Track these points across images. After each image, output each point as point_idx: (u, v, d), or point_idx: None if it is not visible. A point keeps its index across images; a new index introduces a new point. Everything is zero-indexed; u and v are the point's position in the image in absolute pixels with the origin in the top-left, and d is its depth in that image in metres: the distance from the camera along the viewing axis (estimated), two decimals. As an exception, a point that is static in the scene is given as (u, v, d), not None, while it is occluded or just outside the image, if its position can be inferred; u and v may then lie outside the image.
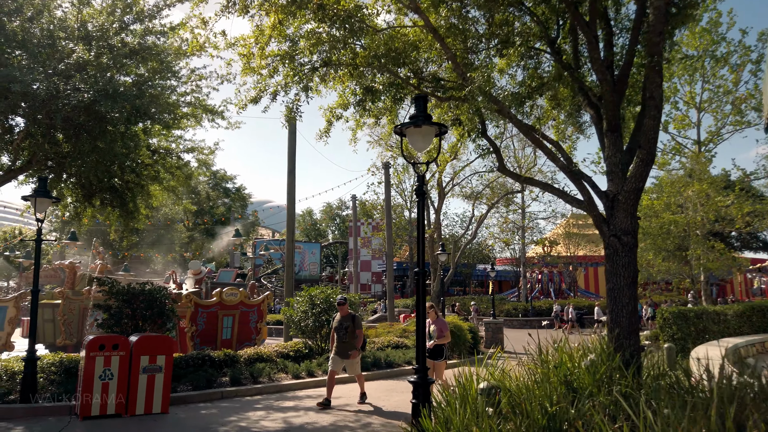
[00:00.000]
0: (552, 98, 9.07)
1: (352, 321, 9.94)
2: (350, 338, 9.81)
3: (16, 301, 19.95)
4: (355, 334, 9.93)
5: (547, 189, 7.15)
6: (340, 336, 9.84)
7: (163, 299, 11.96)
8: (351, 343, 9.86)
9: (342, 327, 9.89)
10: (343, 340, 9.80)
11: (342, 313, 10.13)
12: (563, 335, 6.83)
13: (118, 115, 9.72)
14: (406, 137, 5.74)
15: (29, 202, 15.28)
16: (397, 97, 9.14)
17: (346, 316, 10.03)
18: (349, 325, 9.84)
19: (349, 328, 9.82)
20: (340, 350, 9.84)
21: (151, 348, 8.48)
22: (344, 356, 9.79)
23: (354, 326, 9.93)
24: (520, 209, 38.78)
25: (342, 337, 9.81)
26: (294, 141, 17.84)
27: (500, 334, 21.72)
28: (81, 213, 14.57)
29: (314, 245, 59.98)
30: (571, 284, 47.71)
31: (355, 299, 15.48)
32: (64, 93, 9.25)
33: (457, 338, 17.47)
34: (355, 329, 9.94)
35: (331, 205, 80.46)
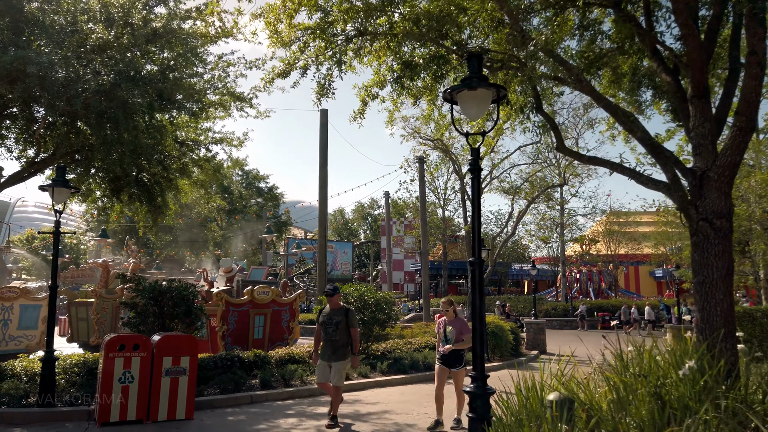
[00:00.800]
0: (613, 71, 8.09)
1: (345, 316, 7.95)
2: (341, 336, 7.89)
3: (50, 300, 19.80)
4: (349, 333, 7.97)
5: (615, 169, 6.20)
6: (329, 333, 7.91)
7: (190, 296, 11.40)
8: (343, 342, 7.92)
9: (331, 322, 7.92)
10: (333, 339, 7.88)
11: (332, 305, 8.13)
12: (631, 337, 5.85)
13: (141, 101, 9.14)
14: (456, 104, 4.89)
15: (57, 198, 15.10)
16: (439, 74, 8.28)
17: (338, 310, 8.07)
18: (341, 321, 7.90)
19: (341, 325, 7.89)
20: (328, 352, 7.91)
21: (175, 348, 7.84)
22: (333, 358, 7.84)
23: (348, 323, 7.95)
24: (559, 206, 37.36)
25: (331, 335, 7.89)
26: (326, 133, 17.17)
27: (542, 335, 20.62)
28: (109, 208, 14.17)
29: (346, 244, 59.48)
30: (611, 283, 45.96)
31: (390, 298, 14.67)
32: (84, 77, 8.72)
33: (498, 339, 16.53)
34: (349, 327, 7.95)
35: (362, 205, 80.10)
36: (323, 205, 16.66)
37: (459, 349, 7.79)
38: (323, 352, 7.98)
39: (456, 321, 7.96)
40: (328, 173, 17.13)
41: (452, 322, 7.93)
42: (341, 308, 8.14)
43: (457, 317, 8.03)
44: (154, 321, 11.15)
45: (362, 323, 13.30)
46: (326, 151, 17.00)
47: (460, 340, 7.76)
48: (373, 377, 11.90)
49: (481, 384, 4.45)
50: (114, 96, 8.89)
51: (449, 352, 7.76)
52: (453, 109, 4.99)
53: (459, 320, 7.99)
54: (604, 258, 45.28)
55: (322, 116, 17.28)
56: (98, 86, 8.59)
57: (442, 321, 8.01)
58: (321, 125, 17.19)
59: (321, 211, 16.64)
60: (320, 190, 16.96)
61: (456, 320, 7.97)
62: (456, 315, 8.03)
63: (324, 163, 16.92)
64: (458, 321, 7.98)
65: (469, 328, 7.59)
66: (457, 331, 7.82)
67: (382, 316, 13.53)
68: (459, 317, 8.06)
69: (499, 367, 15.08)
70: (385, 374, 12.23)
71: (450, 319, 7.97)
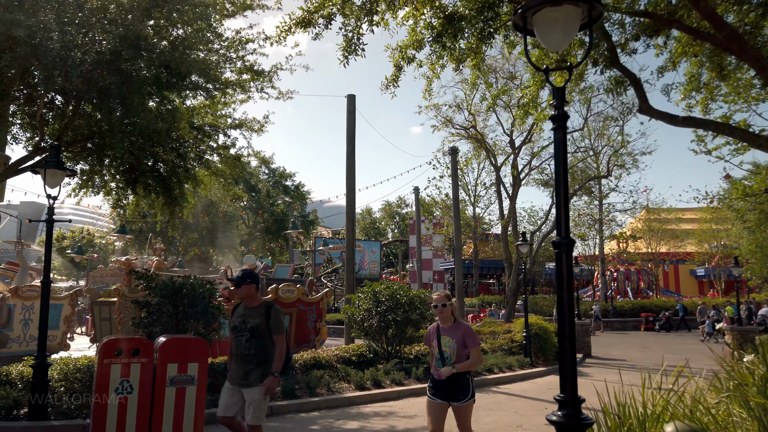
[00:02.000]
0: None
1: (265, 316, 5.26)
2: (260, 348, 5.22)
3: (71, 299, 19.23)
4: (272, 343, 5.26)
5: (722, 131, 4.90)
6: (241, 344, 5.28)
7: (206, 294, 10.37)
8: (263, 358, 5.21)
9: (244, 327, 5.28)
10: (246, 352, 5.23)
11: (248, 301, 5.42)
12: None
13: (146, 74, 8.12)
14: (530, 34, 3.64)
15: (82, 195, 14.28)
16: (485, 32, 7.04)
17: (256, 308, 5.35)
18: (259, 325, 5.24)
19: (259, 330, 5.22)
20: (239, 372, 5.31)
21: (181, 353, 6.73)
22: (247, 382, 5.23)
23: (270, 326, 5.25)
24: (597, 200, 35.55)
25: (244, 347, 5.24)
26: (353, 120, 16.04)
27: (587, 337, 19.13)
28: (123, 201, 13.28)
29: (374, 243, 58.45)
30: (651, 282, 43.87)
31: (424, 296, 13.44)
32: (82, 46, 7.74)
33: (543, 342, 15.15)
34: (272, 332, 5.24)
35: (390, 204, 79.03)
36: (351, 196, 15.53)
37: (463, 371, 5.03)
38: (233, 372, 5.36)
39: (456, 328, 5.18)
40: (355, 163, 15.98)
41: (451, 330, 5.17)
42: (261, 305, 5.35)
43: (458, 322, 5.28)
44: (168, 321, 10.20)
45: (395, 324, 12.11)
46: (354, 139, 15.87)
47: (464, 357, 5.06)
48: (407, 384, 10.69)
49: (573, 412, 3.20)
50: (116, 68, 7.89)
51: (448, 378, 4.98)
52: (526, 40, 3.73)
53: (461, 326, 5.22)
54: (644, 256, 43.23)
55: (349, 102, 16.17)
56: (97, 55, 7.59)
57: (434, 328, 5.32)
58: (348, 111, 16.08)
59: (348, 203, 15.50)
60: (347, 180, 15.84)
61: (456, 327, 5.20)
62: (456, 319, 5.31)
63: (351, 152, 15.79)
64: (460, 328, 5.19)
65: (476, 338, 5.20)
66: (458, 343, 5.07)
67: (415, 316, 12.34)
68: (461, 321, 5.32)
69: (545, 373, 13.74)
70: (420, 381, 11.00)
71: (447, 324, 5.23)
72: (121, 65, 7.92)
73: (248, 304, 5.40)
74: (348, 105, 16.11)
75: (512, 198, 20.34)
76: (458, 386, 5.04)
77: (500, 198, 21.50)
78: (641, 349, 20.91)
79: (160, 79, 8.49)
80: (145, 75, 8.21)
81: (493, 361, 13.07)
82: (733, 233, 35.54)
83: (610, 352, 19.62)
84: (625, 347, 21.45)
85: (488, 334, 16.70)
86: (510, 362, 13.42)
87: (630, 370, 14.79)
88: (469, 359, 5.05)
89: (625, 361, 17.01)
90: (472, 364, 5.07)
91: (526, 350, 14.41)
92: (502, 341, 15.49)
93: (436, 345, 5.17)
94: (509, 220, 20.69)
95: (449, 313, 5.26)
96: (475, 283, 43.43)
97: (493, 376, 12.32)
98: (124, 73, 8.03)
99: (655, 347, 21.19)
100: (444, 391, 5.09)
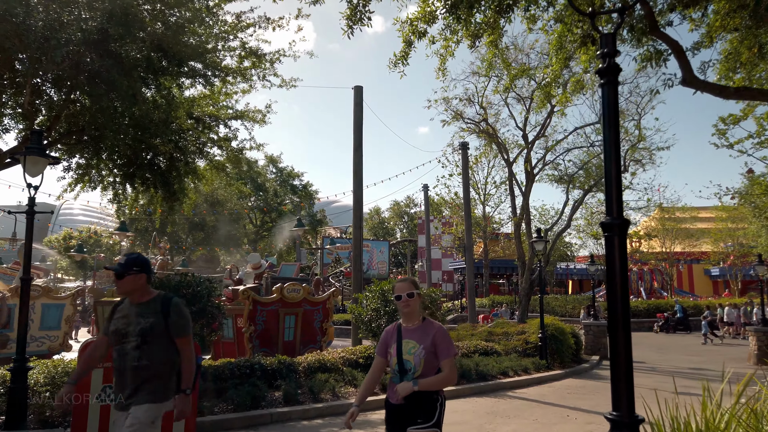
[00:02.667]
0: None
1: (162, 315, 3.84)
2: (153, 357, 3.78)
3: (72, 299, 18.79)
4: (174, 350, 3.90)
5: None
6: (127, 354, 3.79)
7: (204, 293, 9.81)
8: (155, 372, 3.79)
9: (132, 330, 3.79)
10: (136, 364, 3.76)
11: (135, 296, 3.88)
12: None
13: (137, 55, 7.54)
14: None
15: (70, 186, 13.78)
16: (504, 5, 6.39)
17: (148, 303, 3.88)
18: (154, 325, 3.80)
19: (153, 333, 3.78)
20: (126, 390, 3.79)
21: (170, 357, 6.15)
22: (135, 400, 3.74)
23: (170, 327, 3.85)
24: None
25: (131, 356, 3.77)
26: (360, 112, 15.44)
27: (603, 338, 18.37)
28: (121, 196, 12.75)
29: (382, 243, 57.94)
30: (665, 282, 42.95)
31: (435, 295, 12.80)
32: (68, 25, 7.17)
33: (559, 344, 14.46)
34: (174, 335, 3.87)
35: (398, 203, 78.50)
36: (358, 191, 14.92)
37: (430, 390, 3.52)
38: (116, 389, 3.85)
39: (426, 329, 3.69)
40: (363, 157, 15.37)
41: (418, 332, 3.68)
42: (155, 300, 3.88)
43: (429, 321, 3.77)
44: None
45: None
46: (361, 132, 15.26)
47: (433, 369, 3.56)
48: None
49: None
50: (105, 49, 7.33)
51: (407, 399, 3.51)
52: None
53: (432, 327, 3.71)
54: (658, 255, 42.33)
55: (356, 94, 15.57)
56: (83, 34, 7.02)
57: (393, 329, 3.82)
58: (355, 104, 15.47)
59: (355, 199, 14.90)
60: (354, 175, 15.23)
61: (426, 327, 3.70)
62: (425, 318, 3.79)
63: (359, 145, 15.18)
64: (430, 329, 3.69)
65: (452, 345, 3.65)
66: (427, 350, 3.59)
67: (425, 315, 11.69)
68: (432, 321, 3.79)
69: (562, 376, 13.05)
70: (432, 385, 10.37)
71: (413, 323, 3.74)
72: (109, 46, 7.37)
73: (136, 299, 3.83)
74: (355, 97, 15.51)
75: (525, 194, 19.64)
76: (420, 406, 3.48)
77: (512, 194, 20.81)
78: (658, 350, 20.18)
79: (152, 61, 7.92)
80: (135, 57, 7.64)
81: (507, 363, 12.40)
82: (751, 232, 34.63)
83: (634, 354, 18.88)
84: (641, 349, 20.71)
85: (501, 335, 16.05)
86: (525, 365, 12.75)
87: (651, 372, 14.07)
88: (439, 374, 3.49)
89: (644, 364, 16.28)
90: (442, 381, 3.49)
91: (542, 352, 13.73)
92: (516, 342, 14.82)
93: (395, 352, 3.61)
94: (522, 217, 20.00)
95: (417, 306, 3.71)
96: (486, 283, 42.70)
97: (509, 379, 11.65)
98: (113, 54, 7.46)
99: (672, 349, 20.46)
100: (403, 414, 3.52)
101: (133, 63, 7.65)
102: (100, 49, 7.39)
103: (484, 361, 12.36)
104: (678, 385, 3.69)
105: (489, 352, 13.68)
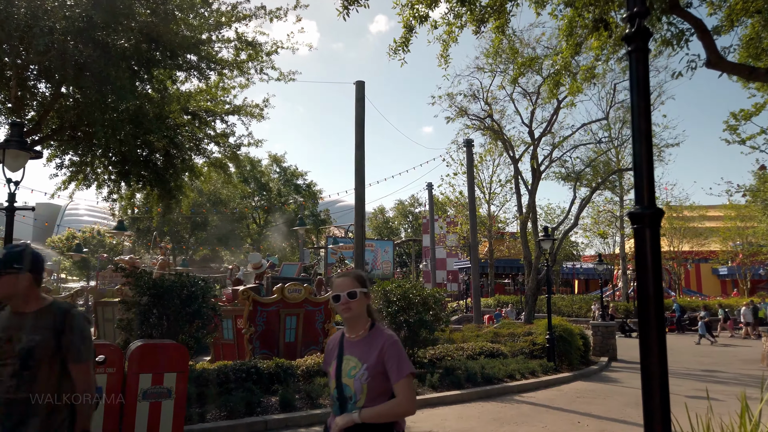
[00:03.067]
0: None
1: (54, 332, 2.74)
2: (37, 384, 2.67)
3: (72, 299, 18.49)
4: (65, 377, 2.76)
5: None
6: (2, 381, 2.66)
7: (199, 293, 9.43)
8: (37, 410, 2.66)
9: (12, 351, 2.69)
10: (10, 398, 2.64)
11: (15, 304, 2.79)
12: None
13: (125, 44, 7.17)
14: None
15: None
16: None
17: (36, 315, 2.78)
18: (40, 345, 2.70)
19: (41, 353, 2.69)
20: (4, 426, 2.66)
21: (156, 362, 5.78)
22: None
23: (63, 348, 2.74)
24: (618, 197, 34.19)
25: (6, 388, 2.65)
26: (362, 108, 15.05)
27: (612, 339, 17.92)
28: (115, 193, 12.41)
29: (387, 243, 57.51)
30: (672, 282, 42.42)
31: (439, 295, 12.40)
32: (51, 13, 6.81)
33: (567, 345, 14.03)
34: (68, 359, 2.75)
35: (403, 203, 78.11)
36: (360, 188, 14.54)
37: (379, 423, 2.61)
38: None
39: (372, 341, 2.76)
40: (365, 154, 14.98)
41: (362, 345, 2.78)
42: (43, 309, 2.82)
43: (378, 329, 2.83)
44: (157, 323, 9.30)
45: (407, 326, 11.09)
46: (363, 128, 14.88)
47: (383, 394, 2.66)
48: (421, 393, 9.66)
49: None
50: (91, 38, 6.97)
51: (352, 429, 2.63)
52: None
53: (381, 338, 2.76)
54: (665, 255, 41.82)
55: (358, 89, 15.18)
56: (68, 22, 6.66)
57: (336, 341, 2.94)
58: (357, 99, 15.09)
59: (357, 196, 14.52)
60: (356, 172, 14.84)
61: (373, 339, 2.78)
62: (375, 325, 2.85)
63: (361, 142, 14.80)
64: (378, 341, 2.75)
65: (407, 361, 2.68)
66: (371, 370, 2.67)
67: (429, 317, 11.32)
68: (382, 330, 2.84)
69: (571, 379, 12.61)
70: (436, 389, 9.98)
71: (356, 332, 2.83)
72: (95, 35, 7.01)
73: (19, 307, 2.82)
74: (357, 92, 15.13)
75: (532, 191, 19.18)
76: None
77: (518, 192, 20.34)
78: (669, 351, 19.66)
79: (141, 51, 7.55)
80: (123, 47, 7.27)
81: (514, 366, 11.99)
82: (761, 230, 34.09)
83: (636, 355, 18.33)
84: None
85: (507, 336, 15.64)
86: (532, 367, 12.33)
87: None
88: (391, 401, 2.61)
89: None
90: (395, 409, 2.59)
91: (550, 354, 13.30)
92: (522, 344, 14.40)
93: (333, 373, 2.76)
94: (528, 215, 19.55)
95: (362, 310, 2.79)
96: (491, 282, 42.23)
97: (516, 382, 11.23)
98: (99, 44, 7.10)
99: (681, 350, 19.98)
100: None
101: (121, 53, 7.28)
102: (86, 39, 7.03)
103: (490, 363, 11.95)
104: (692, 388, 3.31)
105: (495, 354, 13.28)
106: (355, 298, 2.77)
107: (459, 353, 12.87)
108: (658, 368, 2.27)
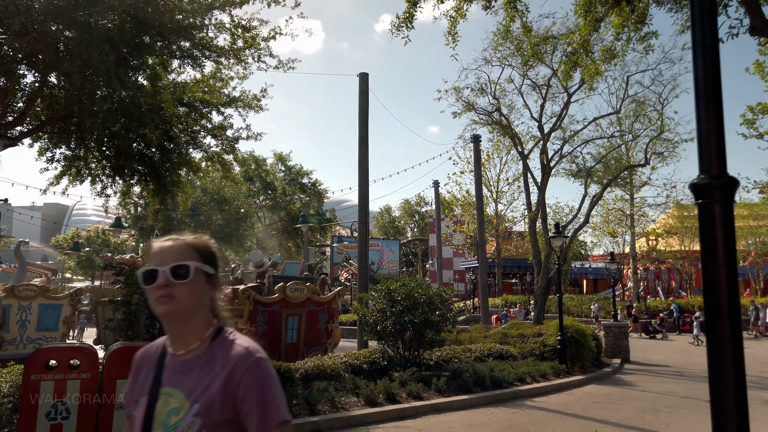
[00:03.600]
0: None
1: None
2: None
3: (71, 299, 18.10)
4: None
5: None
6: None
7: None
8: None
9: None
10: None
11: None
12: None
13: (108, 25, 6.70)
14: None
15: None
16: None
17: None
18: None
19: None
20: None
21: (136, 366, 5.31)
22: None
23: None
24: (629, 195, 33.52)
25: None
26: (366, 101, 14.55)
27: (624, 340, 17.32)
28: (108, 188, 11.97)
29: (393, 242, 57.12)
30: (683, 281, 41.69)
31: (446, 294, 11.87)
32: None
33: (580, 347, 13.47)
34: None
35: (409, 202, 77.55)
36: (364, 185, 14.03)
37: None
38: None
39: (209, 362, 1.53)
40: (369, 149, 14.47)
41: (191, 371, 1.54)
42: None
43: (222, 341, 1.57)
44: (149, 323, 8.87)
45: (412, 326, 10.57)
46: (367, 122, 14.37)
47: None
48: (427, 398, 9.13)
49: None
50: (72, 18, 6.50)
51: None
52: None
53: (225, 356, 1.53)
54: (676, 254, 41.08)
55: (362, 81, 14.68)
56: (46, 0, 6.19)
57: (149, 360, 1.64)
58: (360, 92, 14.59)
59: (361, 193, 14.01)
60: (360, 168, 14.34)
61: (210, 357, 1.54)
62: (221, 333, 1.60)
63: (365, 136, 14.29)
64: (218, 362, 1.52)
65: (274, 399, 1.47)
66: (204, 414, 1.46)
67: (435, 317, 10.80)
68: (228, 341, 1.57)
69: (584, 382, 12.05)
70: (443, 394, 9.44)
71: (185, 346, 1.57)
72: (76, 14, 6.53)
73: None
74: (360, 84, 14.63)
75: (541, 188, 18.60)
76: None
77: (527, 188, 19.76)
78: (682, 352, 19.10)
79: (125, 33, 7.06)
80: (106, 26, 6.80)
81: (524, 369, 11.44)
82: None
83: (648, 356, 17.86)
84: (665, 351, 19.67)
85: (516, 336, 15.08)
86: (544, 370, 11.78)
87: (679, 378, 13.04)
88: None
89: (670, 367, 15.26)
90: None
91: (562, 356, 12.74)
92: (532, 345, 13.85)
93: (141, 415, 1.55)
94: (537, 212, 18.97)
95: (194, 302, 1.57)
96: (498, 282, 41.63)
97: (527, 386, 10.68)
98: (80, 24, 6.62)
99: (696, 351, 19.38)
100: None
101: (104, 34, 6.80)
102: (66, 18, 6.57)
103: (499, 365, 11.41)
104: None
105: (504, 356, 12.74)
106: (186, 278, 1.53)
107: (467, 355, 12.35)
108: (732, 383, 1.74)
